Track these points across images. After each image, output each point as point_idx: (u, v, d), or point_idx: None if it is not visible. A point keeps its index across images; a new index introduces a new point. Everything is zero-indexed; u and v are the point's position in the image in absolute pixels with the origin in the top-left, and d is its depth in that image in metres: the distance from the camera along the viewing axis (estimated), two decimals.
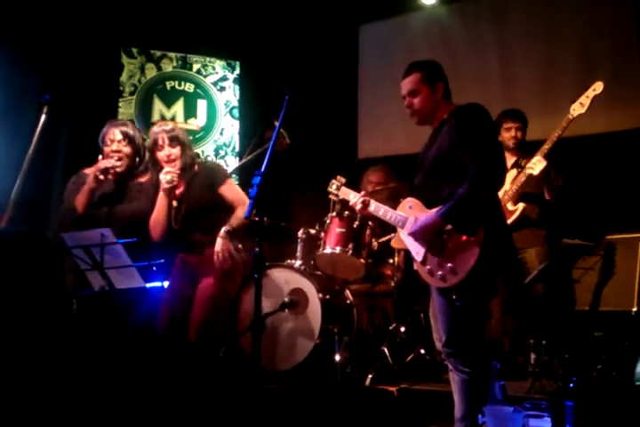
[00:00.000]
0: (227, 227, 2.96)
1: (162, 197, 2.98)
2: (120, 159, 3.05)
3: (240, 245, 3.09)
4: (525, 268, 3.47)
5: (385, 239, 3.76)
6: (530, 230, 3.50)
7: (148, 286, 2.84)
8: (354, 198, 2.70)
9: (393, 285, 3.75)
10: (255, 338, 2.12)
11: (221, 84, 5.20)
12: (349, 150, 5.19)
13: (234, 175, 3.59)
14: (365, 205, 2.63)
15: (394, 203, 2.64)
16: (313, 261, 3.73)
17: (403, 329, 3.59)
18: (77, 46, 4.48)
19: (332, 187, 2.95)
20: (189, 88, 5.09)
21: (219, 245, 2.92)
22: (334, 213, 3.71)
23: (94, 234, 2.70)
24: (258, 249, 2.19)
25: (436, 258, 2.33)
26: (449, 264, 2.29)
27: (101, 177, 2.98)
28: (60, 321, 1.43)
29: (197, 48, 5.10)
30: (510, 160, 3.54)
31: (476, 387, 2.27)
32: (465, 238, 2.27)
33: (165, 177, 2.94)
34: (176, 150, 2.99)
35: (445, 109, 2.47)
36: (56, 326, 1.41)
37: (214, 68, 5.19)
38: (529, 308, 3.51)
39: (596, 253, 3.55)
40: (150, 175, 3.13)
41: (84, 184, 3.02)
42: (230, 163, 5.09)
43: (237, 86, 5.24)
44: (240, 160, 4.17)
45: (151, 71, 4.98)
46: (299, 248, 3.77)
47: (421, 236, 2.36)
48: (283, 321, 3.50)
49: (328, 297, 3.54)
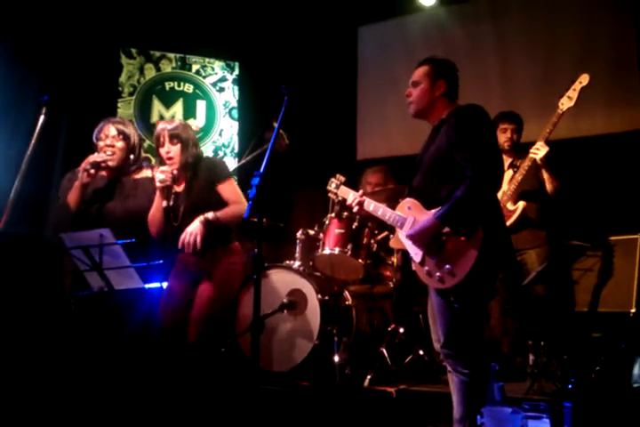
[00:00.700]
0: (210, 214, 2.89)
1: (157, 195, 2.98)
2: (113, 153, 3.04)
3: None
4: (525, 269, 3.46)
5: (381, 237, 3.76)
6: (530, 231, 3.50)
7: (146, 286, 2.83)
8: (351, 198, 2.70)
9: (392, 286, 3.75)
10: (254, 339, 2.12)
11: (220, 85, 5.21)
12: (348, 151, 5.19)
13: (233, 176, 3.58)
14: (361, 205, 2.64)
15: (393, 204, 2.64)
16: (312, 262, 3.73)
17: (401, 330, 3.59)
18: (76, 47, 4.48)
19: (332, 185, 2.95)
20: (188, 89, 5.09)
21: (191, 226, 2.87)
22: (333, 214, 3.71)
23: (93, 234, 2.69)
24: (257, 250, 2.18)
25: (435, 259, 2.33)
26: (447, 266, 2.29)
27: (92, 171, 2.96)
28: (59, 322, 1.42)
29: (196, 49, 5.10)
30: (506, 162, 3.54)
31: (475, 388, 2.27)
32: (463, 240, 2.27)
33: (159, 176, 2.93)
34: (175, 148, 2.98)
35: (445, 109, 2.47)
36: (54, 326, 1.41)
37: (213, 68, 5.19)
38: (528, 309, 3.51)
39: (595, 255, 3.55)
40: (147, 172, 3.13)
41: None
42: (229, 164, 5.08)
43: (236, 87, 5.25)
44: (239, 161, 4.17)
45: (150, 72, 4.98)
46: (298, 249, 3.77)
47: (419, 238, 2.36)
48: (282, 322, 3.50)
49: (327, 298, 3.54)
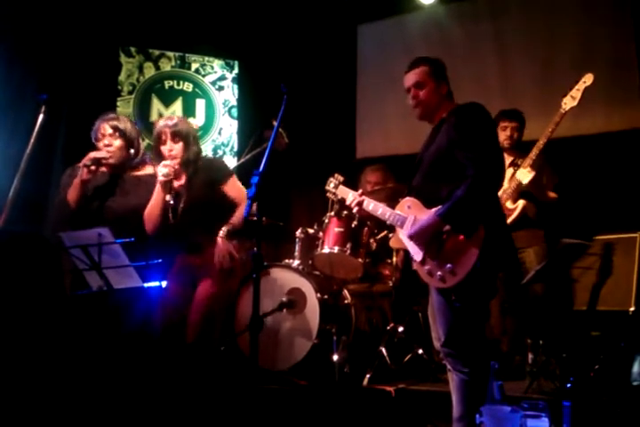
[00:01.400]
0: (227, 226, 2.96)
1: (158, 189, 2.96)
2: (111, 152, 3.03)
3: (235, 241, 3.07)
4: (524, 268, 3.46)
5: (381, 236, 3.76)
6: (528, 230, 3.50)
7: (145, 285, 2.83)
8: (351, 198, 2.70)
9: (391, 285, 3.75)
10: (253, 338, 2.12)
11: (220, 84, 5.20)
12: (348, 150, 5.19)
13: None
14: (361, 204, 2.63)
15: (392, 203, 2.64)
16: (311, 261, 3.73)
17: (401, 329, 3.59)
18: (75, 45, 4.47)
19: (330, 185, 2.95)
20: (188, 87, 5.09)
21: (219, 245, 2.92)
22: (332, 213, 3.71)
23: (92, 234, 2.69)
24: (256, 249, 2.18)
25: (436, 258, 2.33)
26: (448, 265, 2.29)
27: (92, 167, 2.95)
28: (58, 321, 1.42)
29: (196, 47, 5.09)
30: (507, 160, 3.54)
31: (475, 387, 2.27)
32: (464, 239, 2.27)
33: (162, 170, 2.92)
34: (178, 146, 2.98)
35: (446, 108, 2.47)
36: (53, 325, 1.41)
37: (213, 67, 5.18)
38: (527, 308, 3.51)
39: (594, 253, 3.55)
40: (150, 169, 3.13)
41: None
42: (229, 162, 5.07)
43: (236, 86, 5.24)
44: (238, 160, 4.16)
45: (149, 70, 4.97)
46: (297, 248, 3.77)
47: (420, 236, 2.36)
48: (281, 321, 3.50)
49: (326, 297, 3.54)
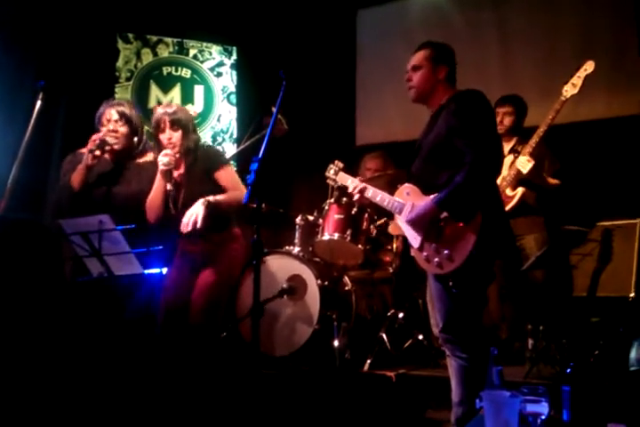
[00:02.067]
0: (211, 197, 2.89)
1: (159, 178, 2.96)
2: (116, 139, 3.02)
3: (237, 228, 3.05)
4: (524, 254, 3.47)
5: (381, 223, 3.76)
6: (528, 217, 3.50)
7: (146, 272, 2.84)
8: (351, 184, 2.69)
9: (391, 271, 3.76)
10: (254, 324, 2.13)
11: (218, 70, 5.16)
12: (347, 137, 5.17)
13: (232, 162, 3.56)
14: (362, 193, 2.63)
15: (392, 189, 2.64)
16: (311, 248, 3.73)
17: (401, 315, 3.60)
18: (73, 32, 4.43)
19: (330, 172, 2.94)
20: (186, 74, 5.05)
21: (193, 207, 2.86)
22: (332, 200, 3.71)
23: (92, 220, 2.69)
24: (256, 236, 2.18)
25: (433, 244, 2.33)
26: (445, 251, 2.29)
27: (97, 153, 2.94)
28: (58, 308, 1.43)
29: (194, 33, 5.05)
30: (507, 146, 3.53)
31: (474, 372, 2.29)
32: (462, 225, 2.27)
33: (162, 159, 2.91)
34: (177, 134, 2.97)
35: (445, 94, 2.45)
36: (54, 312, 1.41)
37: (211, 53, 5.14)
38: (527, 294, 3.52)
39: (594, 239, 3.56)
40: (150, 156, 3.12)
41: (79, 164, 2.98)
42: (228, 149, 5.06)
43: (234, 72, 5.20)
44: (238, 146, 4.15)
45: (147, 57, 4.93)
46: (297, 235, 3.77)
47: (417, 223, 2.36)
48: (282, 307, 3.51)
49: (327, 283, 3.55)
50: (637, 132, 3.97)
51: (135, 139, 3.10)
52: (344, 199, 3.67)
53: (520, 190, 3.44)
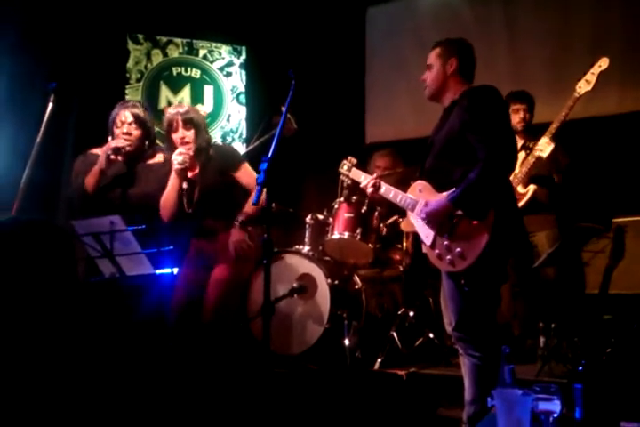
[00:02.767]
0: (241, 216, 2.96)
1: (174, 177, 2.97)
2: (130, 141, 3.05)
3: (250, 228, 3.08)
4: (536, 251, 3.46)
5: (391, 221, 3.76)
6: (540, 214, 3.48)
7: (157, 272, 2.85)
8: (365, 181, 2.67)
9: (401, 269, 3.76)
10: (265, 323, 2.13)
11: (228, 70, 5.17)
12: (357, 135, 5.16)
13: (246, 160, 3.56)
14: (376, 187, 2.62)
15: (401, 187, 2.63)
16: (321, 247, 3.74)
17: (411, 314, 3.60)
18: (83, 34, 4.46)
19: (344, 167, 2.93)
20: (196, 74, 5.07)
21: (233, 235, 2.93)
22: (342, 199, 3.71)
23: (103, 221, 2.71)
24: (266, 235, 2.19)
25: (446, 242, 2.33)
26: (458, 249, 2.28)
27: (113, 157, 2.96)
28: (71, 309, 1.44)
29: (203, 33, 5.06)
30: (518, 143, 3.51)
31: (487, 371, 2.28)
32: (475, 223, 2.26)
33: (177, 158, 2.93)
34: (190, 133, 2.98)
35: (458, 89, 2.44)
36: (67, 313, 1.43)
37: (220, 53, 5.15)
38: (538, 291, 3.50)
39: (606, 236, 3.53)
40: (160, 157, 3.14)
41: (92, 165, 3.00)
42: (237, 149, 5.07)
43: (244, 72, 5.21)
44: (247, 146, 4.16)
45: (157, 57, 4.95)
46: (307, 234, 3.78)
47: (431, 220, 2.35)
48: (292, 306, 3.52)
49: (337, 282, 3.55)
50: None
51: (147, 142, 3.12)
52: (354, 198, 3.67)
53: (532, 188, 3.43)
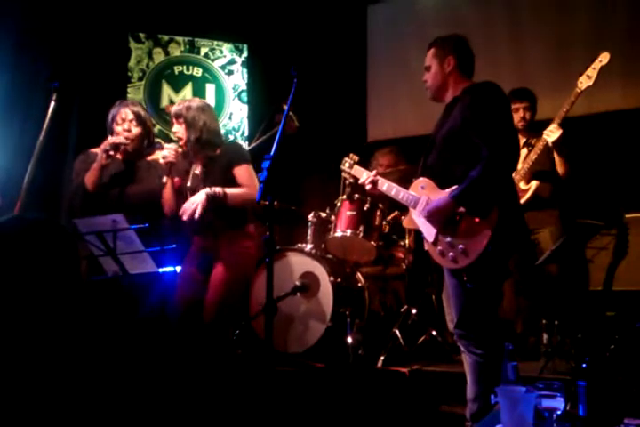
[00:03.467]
0: (218, 189, 2.86)
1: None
2: (129, 139, 3.05)
3: (252, 225, 3.06)
4: (539, 248, 3.45)
5: (393, 216, 3.75)
6: (543, 211, 3.47)
7: (160, 270, 2.86)
8: (364, 177, 2.68)
9: (404, 267, 3.76)
10: (268, 321, 2.14)
11: (229, 68, 5.17)
12: (359, 133, 5.16)
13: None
14: (375, 184, 2.62)
15: (404, 185, 2.63)
16: (324, 245, 3.74)
17: (414, 311, 3.60)
18: (85, 33, 4.46)
19: (345, 165, 2.93)
20: (197, 72, 5.07)
21: (196, 195, 2.85)
22: (345, 196, 3.70)
23: (106, 220, 2.71)
24: (269, 233, 2.19)
25: (448, 239, 2.33)
26: (460, 245, 2.28)
27: (111, 153, 2.96)
28: (75, 308, 1.44)
29: (205, 32, 5.06)
30: (521, 140, 3.49)
31: (489, 368, 2.28)
32: (477, 220, 2.26)
33: (162, 153, 2.95)
34: (181, 128, 2.98)
35: (459, 86, 2.43)
36: (70, 312, 1.43)
37: (222, 51, 5.15)
38: (541, 288, 3.50)
39: (610, 233, 3.52)
40: (159, 154, 3.14)
41: (92, 163, 3.01)
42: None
43: (245, 70, 5.21)
44: (249, 144, 4.16)
45: (159, 56, 4.95)
46: (309, 232, 3.78)
47: (433, 217, 2.35)
48: (295, 304, 3.52)
49: (339, 280, 3.55)
50: None
51: (146, 140, 3.12)
52: (356, 196, 3.67)
53: (534, 184, 3.42)
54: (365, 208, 3.64)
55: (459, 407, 2.56)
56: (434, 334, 3.52)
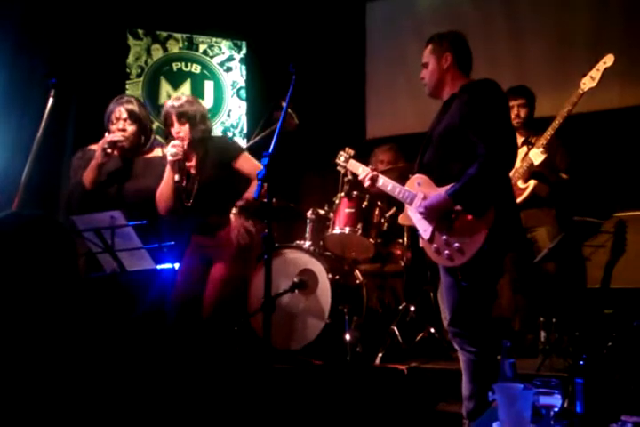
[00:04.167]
0: (240, 202, 2.95)
1: (168, 170, 2.97)
2: (125, 137, 3.04)
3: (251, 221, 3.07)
4: (536, 246, 3.46)
5: (391, 213, 3.75)
6: (540, 209, 3.48)
7: (159, 267, 2.86)
8: (362, 173, 2.66)
9: (402, 264, 3.76)
10: (266, 318, 2.14)
11: (228, 65, 5.16)
12: (358, 130, 5.15)
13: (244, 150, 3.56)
14: (374, 180, 2.61)
15: (402, 182, 2.63)
16: (322, 242, 3.74)
17: (412, 308, 3.60)
18: (83, 29, 4.44)
19: (340, 159, 2.89)
20: (196, 69, 5.05)
21: (233, 222, 2.92)
22: (343, 194, 3.70)
23: (104, 217, 2.71)
24: (267, 230, 2.19)
25: (444, 236, 2.33)
26: (456, 244, 2.28)
27: (109, 151, 2.97)
28: (73, 305, 1.44)
29: (203, 28, 5.05)
30: (520, 139, 3.50)
31: (482, 366, 2.28)
32: (474, 218, 2.25)
33: (170, 150, 2.93)
34: (185, 127, 2.97)
35: (456, 83, 2.43)
36: (69, 308, 1.43)
37: (220, 48, 5.14)
38: (539, 286, 3.50)
39: (607, 231, 3.53)
40: (158, 152, 3.13)
41: (90, 160, 3.01)
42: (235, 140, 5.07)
43: (244, 66, 5.20)
44: (248, 141, 4.15)
45: (157, 53, 4.94)
46: (308, 229, 3.78)
47: (429, 214, 2.35)
48: (293, 302, 3.52)
49: (338, 277, 3.55)
50: None
51: (143, 137, 3.12)
52: (355, 193, 3.67)
53: (532, 183, 3.42)
54: (364, 205, 3.64)
55: (456, 405, 2.56)
56: (432, 331, 3.53)
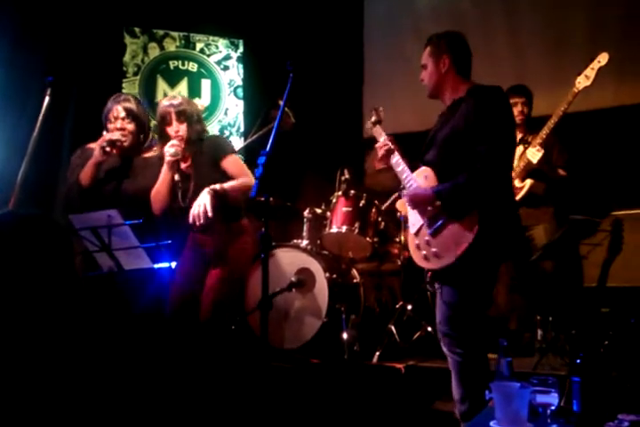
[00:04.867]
0: (218, 185, 2.86)
1: (165, 169, 2.95)
2: (124, 136, 3.03)
3: (245, 219, 3.05)
4: (533, 245, 3.46)
5: (388, 203, 3.74)
6: (538, 208, 3.48)
7: (155, 266, 2.85)
8: (382, 142, 2.59)
9: (399, 263, 3.76)
10: (263, 317, 2.13)
11: (225, 64, 5.15)
12: (355, 129, 5.14)
13: (239, 155, 3.56)
14: (389, 153, 2.56)
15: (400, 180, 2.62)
16: (319, 241, 3.74)
17: (410, 307, 3.61)
18: (80, 27, 4.43)
19: (372, 118, 2.76)
20: (193, 68, 5.04)
21: (199, 198, 2.83)
22: (340, 193, 3.71)
23: (101, 215, 2.70)
24: (264, 229, 2.18)
25: (427, 238, 2.34)
26: (434, 249, 2.30)
27: (108, 149, 2.95)
28: (70, 304, 1.44)
29: (200, 27, 5.04)
30: (517, 136, 3.50)
31: (469, 369, 2.28)
32: (462, 229, 2.24)
33: (169, 150, 2.91)
34: (183, 126, 2.96)
35: (457, 86, 2.41)
36: (65, 308, 1.42)
37: (217, 46, 5.13)
38: (536, 285, 3.51)
39: (604, 229, 3.53)
40: (156, 150, 3.12)
41: (88, 159, 3.00)
42: (235, 143, 5.05)
43: (241, 65, 5.19)
44: (245, 140, 4.15)
45: (154, 51, 4.93)
46: (305, 228, 3.78)
47: (411, 202, 2.36)
48: (290, 300, 3.52)
49: (335, 276, 3.55)
50: None
51: (142, 135, 3.11)
52: (352, 192, 3.67)
53: (528, 182, 3.43)
54: (361, 204, 3.64)
55: (453, 403, 2.56)
56: (429, 330, 3.53)
